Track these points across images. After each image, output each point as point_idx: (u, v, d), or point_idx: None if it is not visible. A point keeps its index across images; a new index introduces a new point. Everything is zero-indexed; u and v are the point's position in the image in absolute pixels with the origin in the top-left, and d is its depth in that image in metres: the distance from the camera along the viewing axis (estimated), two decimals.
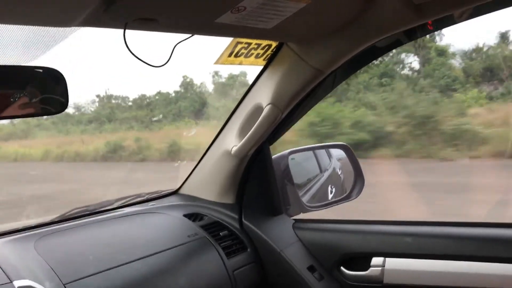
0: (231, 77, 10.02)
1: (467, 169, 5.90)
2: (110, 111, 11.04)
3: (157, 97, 11.15)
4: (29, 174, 8.66)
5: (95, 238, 1.39)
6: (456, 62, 8.45)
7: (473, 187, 5.14)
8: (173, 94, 11.02)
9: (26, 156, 9.62)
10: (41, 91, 0.92)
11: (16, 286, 1.08)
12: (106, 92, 11.20)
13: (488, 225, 1.41)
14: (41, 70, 0.92)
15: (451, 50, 8.55)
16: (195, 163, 1.76)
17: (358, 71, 1.59)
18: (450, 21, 1.29)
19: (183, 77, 10.68)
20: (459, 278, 1.35)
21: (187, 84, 10.90)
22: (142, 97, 11.16)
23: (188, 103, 10.62)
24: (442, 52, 8.54)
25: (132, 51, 1.03)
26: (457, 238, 1.40)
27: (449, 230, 1.44)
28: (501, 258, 1.30)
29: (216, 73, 10.24)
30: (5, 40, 0.96)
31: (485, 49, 8.26)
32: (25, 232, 1.37)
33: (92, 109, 11.31)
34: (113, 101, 11.34)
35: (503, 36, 7.86)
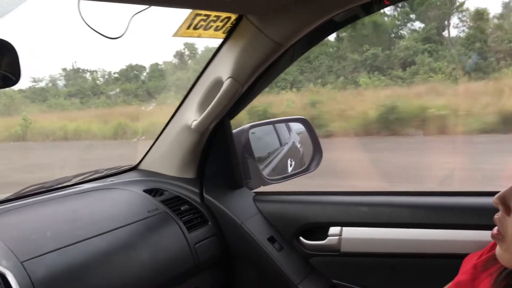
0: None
1: None
2: (93, 83, 10.62)
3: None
4: None
5: (53, 215, 1.37)
6: None
7: None
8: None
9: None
10: None
11: None
12: (73, 66, 10.81)
13: (438, 194, 1.48)
14: None
15: None
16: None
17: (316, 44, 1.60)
18: None
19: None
20: (412, 245, 1.41)
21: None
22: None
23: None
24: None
25: (86, 21, 1.00)
26: (410, 207, 1.46)
27: (402, 199, 1.50)
28: (450, 224, 1.37)
29: None
30: None
31: None
32: None
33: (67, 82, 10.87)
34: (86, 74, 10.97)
35: None
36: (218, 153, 1.66)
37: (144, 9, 1.14)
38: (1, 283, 1.05)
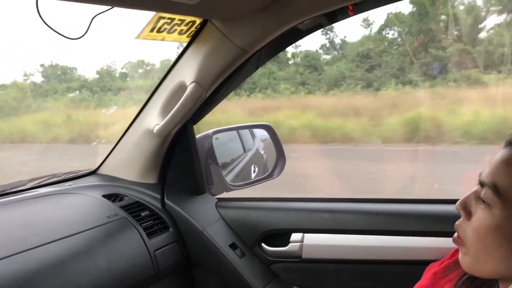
0: None
1: None
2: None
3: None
4: None
5: (6, 220, 1.31)
6: None
7: None
8: None
9: None
10: None
11: None
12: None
13: (399, 201, 1.51)
14: None
15: None
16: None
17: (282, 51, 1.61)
18: (371, 5, 1.34)
19: None
20: (373, 251, 1.43)
21: None
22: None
23: None
24: None
25: (45, 21, 0.97)
26: (371, 214, 1.48)
27: (363, 206, 1.52)
28: (411, 231, 1.40)
29: None
30: None
31: None
32: None
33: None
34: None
35: None
36: (181, 158, 1.64)
37: (106, 10, 1.11)
38: None
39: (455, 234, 0.89)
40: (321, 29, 1.48)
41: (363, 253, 1.44)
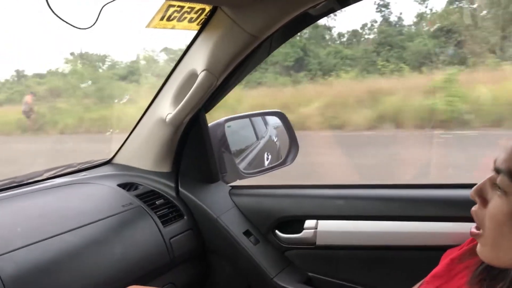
0: None
1: None
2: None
3: None
4: None
5: (23, 211, 1.33)
6: None
7: None
8: None
9: None
10: None
11: None
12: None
13: (415, 186, 1.50)
14: None
15: None
16: None
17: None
18: None
19: None
20: (389, 237, 1.42)
21: None
22: None
23: None
24: None
25: (54, 11, 0.97)
26: (386, 199, 1.47)
27: (377, 192, 1.51)
28: (427, 216, 1.38)
29: None
30: None
31: None
32: None
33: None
34: None
35: None
36: (194, 147, 1.65)
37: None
38: None
39: (473, 228, 0.87)
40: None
41: (378, 239, 1.44)
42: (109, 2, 1.11)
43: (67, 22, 1.00)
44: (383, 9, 9.76)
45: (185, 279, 1.54)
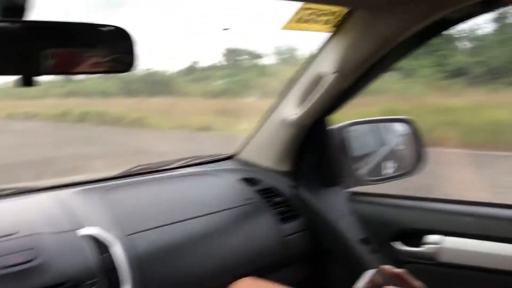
0: None
1: None
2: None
3: None
4: None
5: (156, 195, 1.46)
6: None
7: None
8: None
9: None
10: (108, 49, 0.93)
11: (84, 233, 1.16)
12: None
13: None
14: (108, 28, 0.93)
15: None
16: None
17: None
18: None
19: None
20: None
21: None
22: None
23: None
24: None
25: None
26: None
27: None
28: None
29: None
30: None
31: None
32: (93, 184, 1.46)
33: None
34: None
35: None
36: (315, 149, 1.65)
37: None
38: (108, 251, 1.14)
39: None
40: None
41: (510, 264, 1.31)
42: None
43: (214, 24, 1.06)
44: None
45: (297, 278, 1.55)
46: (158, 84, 10.68)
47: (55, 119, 9.64)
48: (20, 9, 0.77)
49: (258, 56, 10.94)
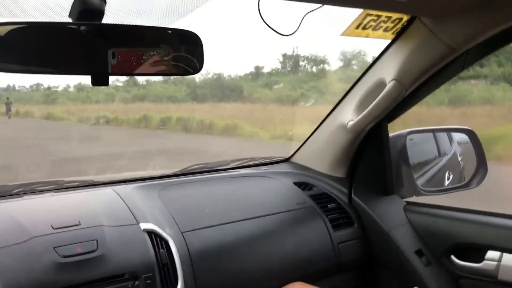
0: None
1: None
2: None
3: None
4: None
5: (212, 194, 1.50)
6: None
7: None
8: None
9: None
10: (178, 52, 0.97)
11: (142, 228, 1.20)
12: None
13: None
14: (177, 32, 0.97)
15: None
16: None
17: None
18: None
19: None
20: None
21: None
22: None
23: None
24: None
25: (264, 19, 1.07)
26: None
27: None
28: None
29: None
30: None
31: None
32: (151, 181, 1.52)
33: None
34: None
35: None
36: (372, 156, 1.63)
37: (317, 8, 1.17)
38: (164, 247, 1.18)
39: None
40: None
41: None
42: (311, 11, 1.17)
43: (273, 29, 1.09)
44: None
45: (348, 286, 1.55)
46: (226, 89, 10.72)
47: (134, 125, 9.32)
48: (97, 13, 0.82)
49: (325, 61, 10.89)
